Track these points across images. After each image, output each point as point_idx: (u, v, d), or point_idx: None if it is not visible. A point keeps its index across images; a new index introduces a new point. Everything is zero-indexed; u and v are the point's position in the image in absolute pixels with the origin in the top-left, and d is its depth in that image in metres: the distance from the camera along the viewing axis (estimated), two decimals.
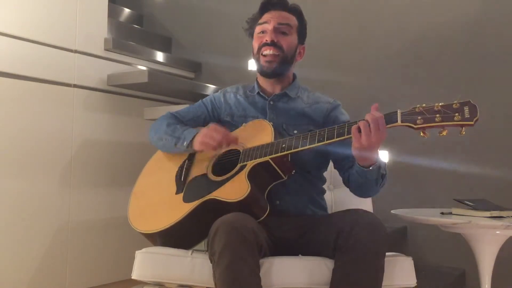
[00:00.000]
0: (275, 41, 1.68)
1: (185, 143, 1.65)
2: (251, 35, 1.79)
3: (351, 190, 1.64)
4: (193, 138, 1.65)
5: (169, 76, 3.01)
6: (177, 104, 2.91)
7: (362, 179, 1.50)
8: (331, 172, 1.87)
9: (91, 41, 2.57)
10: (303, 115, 1.71)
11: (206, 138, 1.59)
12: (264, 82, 1.78)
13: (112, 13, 3.15)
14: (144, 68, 2.90)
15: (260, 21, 1.74)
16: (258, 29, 1.74)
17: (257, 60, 1.72)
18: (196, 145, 1.63)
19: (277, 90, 1.76)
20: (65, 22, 2.45)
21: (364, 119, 1.37)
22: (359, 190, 1.60)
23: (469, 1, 2.68)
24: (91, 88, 2.56)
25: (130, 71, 2.72)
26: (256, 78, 1.81)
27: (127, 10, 3.55)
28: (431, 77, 2.73)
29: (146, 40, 3.30)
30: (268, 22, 1.70)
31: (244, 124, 1.71)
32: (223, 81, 3.21)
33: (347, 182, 1.64)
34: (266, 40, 1.68)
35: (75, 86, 2.48)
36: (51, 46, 2.38)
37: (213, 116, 1.83)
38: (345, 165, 1.63)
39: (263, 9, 1.75)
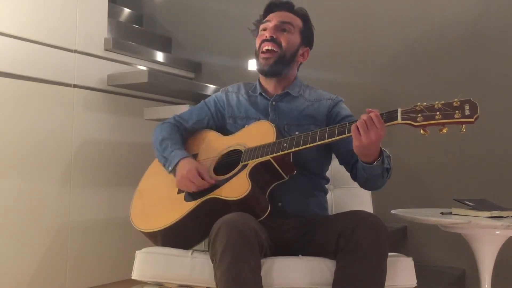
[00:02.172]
0: (274, 37, 1.69)
1: (169, 168, 1.66)
2: (256, 36, 1.80)
3: (359, 185, 1.65)
4: (176, 165, 1.63)
5: (169, 76, 3.01)
6: (177, 104, 2.91)
7: (367, 174, 1.51)
8: (331, 172, 1.87)
9: (91, 41, 2.57)
10: (305, 115, 1.72)
11: (181, 185, 1.60)
12: (266, 82, 1.78)
13: (112, 13, 3.15)
14: (144, 68, 2.90)
15: (264, 20, 1.75)
16: (261, 28, 1.76)
17: (257, 58, 1.73)
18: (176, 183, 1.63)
19: (279, 90, 1.76)
20: (65, 22, 2.45)
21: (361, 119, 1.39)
22: (366, 184, 1.60)
23: (469, 1, 2.68)
24: (91, 88, 2.55)
25: (130, 71, 2.72)
26: (258, 78, 1.81)
27: (127, 10, 3.55)
28: (432, 76, 2.73)
29: (146, 40, 3.29)
30: (270, 21, 1.72)
31: (246, 125, 1.71)
32: (223, 81, 3.20)
33: (354, 176, 1.65)
34: (266, 37, 1.69)
35: (75, 86, 2.48)
36: (51, 46, 2.38)
37: (217, 118, 1.82)
38: (350, 161, 1.64)
39: (268, 10, 1.77)
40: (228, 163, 1.63)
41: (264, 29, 1.73)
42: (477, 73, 2.63)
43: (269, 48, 1.68)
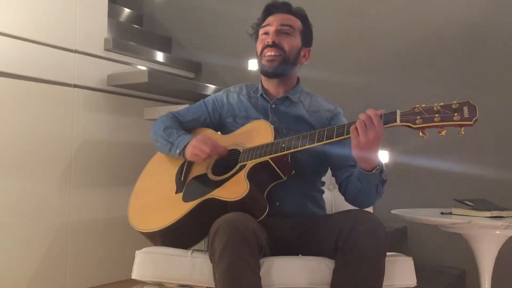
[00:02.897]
0: (276, 42, 1.68)
1: (177, 151, 1.67)
2: (256, 39, 1.79)
3: (347, 199, 1.63)
4: (185, 147, 1.65)
5: (169, 76, 3.01)
6: (177, 104, 2.91)
7: (363, 184, 1.49)
8: (331, 172, 1.87)
9: (91, 41, 2.57)
10: (304, 121, 1.72)
11: (195, 150, 1.62)
12: (268, 84, 1.77)
13: (112, 13, 3.14)
14: (144, 68, 2.90)
15: (264, 24, 1.74)
16: (261, 31, 1.75)
17: (260, 61, 1.73)
18: (187, 156, 1.65)
19: (281, 92, 1.75)
20: (65, 22, 2.45)
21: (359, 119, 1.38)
22: (357, 197, 1.58)
23: (469, 2, 2.68)
24: (91, 88, 2.56)
25: (130, 71, 2.72)
26: (261, 80, 1.81)
27: (127, 10, 3.55)
28: (431, 77, 2.73)
29: (146, 40, 3.29)
30: (271, 24, 1.71)
31: (245, 125, 1.71)
32: (223, 81, 3.21)
33: (343, 190, 1.63)
34: (268, 42, 1.69)
35: (75, 86, 2.48)
36: (51, 46, 2.38)
37: (214, 117, 1.82)
38: (343, 174, 1.63)
39: (267, 12, 1.76)
40: (226, 163, 1.63)
41: (266, 33, 1.72)
42: (477, 74, 2.63)
43: (272, 53, 1.68)
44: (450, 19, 2.71)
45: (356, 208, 1.60)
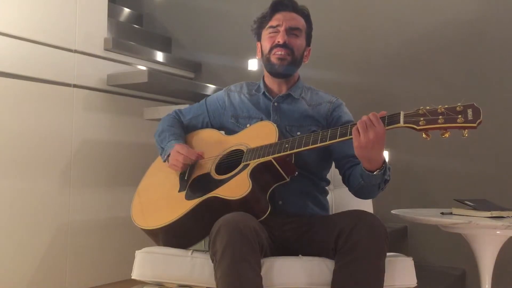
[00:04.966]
0: (287, 42, 1.68)
1: (164, 157, 1.73)
2: (258, 35, 1.79)
3: (350, 190, 1.64)
4: (169, 155, 1.70)
5: (169, 76, 3.01)
6: (177, 104, 2.91)
7: (365, 182, 1.50)
8: (331, 173, 1.87)
9: (91, 41, 2.57)
10: (306, 116, 1.72)
11: (172, 161, 1.68)
12: (271, 82, 1.78)
13: (112, 13, 3.15)
14: (144, 68, 2.90)
15: (272, 22, 1.73)
16: (269, 29, 1.73)
17: (268, 60, 1.72)
18: (169, 166, 1.71)
19: (284, 90, 1.76)
20: (64, 22, 2.45)
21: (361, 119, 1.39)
22: (359, 192, 1.60)
23: (470, 1, 2.68)
24: (91, 88, 2.55)
25: (130, 71, 2.72)
26: (263, 78, 1.81)
27: (127, 10, 3.55)
28: (432, 77, 2.72)
29: (146, 40, 3.29)
30: (280, 24, 1.70)
31: (248, 125, 1.71)
32: (223, 81, 3.20)
33: (346, 182, 1.64)
34: (279, 41, 1.68)
35: (74, 86, 2.47)
36: (51, 46, 2.38)
37: (213, 116, 1.83)
38: (345, 165, 1.64)
39: (274, 10, 1.74)
40: (229, 162, 1.63)
41: (274, 32, 1.71)
42: (477, 73, 2.63)
43: (283, 53, 1.68)
44: (451, 18, 2.70)
45: (356, 208, 1.60)
